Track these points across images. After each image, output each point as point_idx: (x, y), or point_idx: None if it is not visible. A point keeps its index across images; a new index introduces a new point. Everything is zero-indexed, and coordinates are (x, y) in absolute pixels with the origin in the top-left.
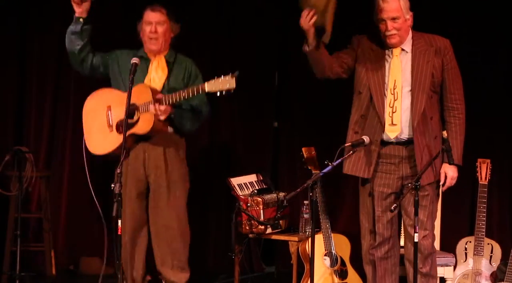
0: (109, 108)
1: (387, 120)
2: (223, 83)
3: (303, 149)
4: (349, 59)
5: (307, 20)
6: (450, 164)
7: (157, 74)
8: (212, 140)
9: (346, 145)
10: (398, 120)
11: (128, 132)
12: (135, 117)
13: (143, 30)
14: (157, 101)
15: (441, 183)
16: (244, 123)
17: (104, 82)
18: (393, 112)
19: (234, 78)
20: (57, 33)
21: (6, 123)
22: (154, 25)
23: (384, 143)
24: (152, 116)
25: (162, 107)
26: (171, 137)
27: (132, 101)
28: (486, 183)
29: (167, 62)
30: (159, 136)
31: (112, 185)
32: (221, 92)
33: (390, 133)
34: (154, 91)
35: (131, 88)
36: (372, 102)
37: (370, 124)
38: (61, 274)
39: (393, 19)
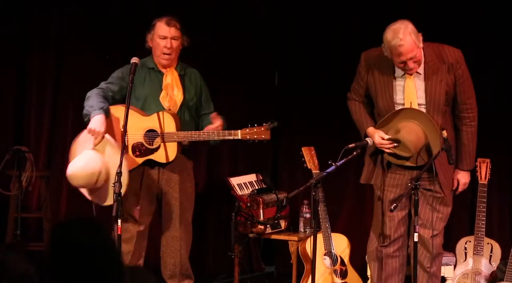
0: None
1: None
2: (258, 134)
3: (303, 149)
4: (364, 87)
5: (386, 146)
6: (450, 163)
7: (174, 91)
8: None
9: (350, 145)
10: None
11: (145, 158)
12: (155, 144)
13: (156, 43)
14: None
15: (453, 188)
16: (244, 123)
17: None
18: None
19: (269, 131)
20: (57, 32)
21: (6, 123)
22: (170, 40)
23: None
24: (176, 147)
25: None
26: (183, 149)
27: (153, 127)
28: (486, 183)
29: (179, 76)
30: None
31: (112, 185)
32: (254, 141)
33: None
34: (177, 124)
35: (131, 88)
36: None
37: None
38: None
39: (411, 58)
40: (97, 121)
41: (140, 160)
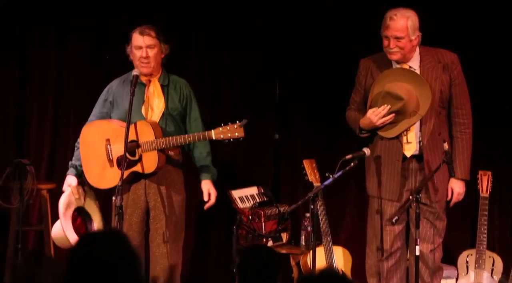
0: (108, 141)
1: (403, 139)
2: (231, 132)
3: (304, 161)
4: (363, 96)
5: (382, 118)
6: (451, 176)
7: (154, 102)
8: (213, 152)
9: (347, 157)
10: (412, 138)
11: (129, 170)
12: (137, 155)
13: (133, 54)
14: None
15: (447, 198)
16: (245, 135)
17: None
18: (407, 131)
19: (242, 128)
20: (57, 44)
21: (7, 135)
22: (145, 49)
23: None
24: (156, 156)
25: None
26: (172, 161)
27: (132, 137)
28: (487, 196)
29: (162, 86)
30: None
31: (114, 198)
32: (228, 139)
33: (407, 152)
34: (156, 131)
35: (132, 100)
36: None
37: (389, 145)
38: None
39: (397, 38)
40: (66, 181)
41: (125, 173)
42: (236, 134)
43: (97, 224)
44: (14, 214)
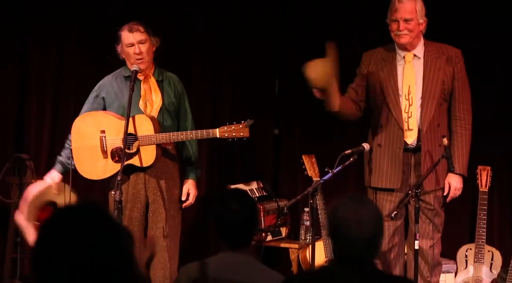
0: (103, 133)
1: (404, 126)
2: (236, 131)
3: (303, 157)
4: (363, 86)
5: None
6: (450, 171)
7: (151, 96)
8: (212, 147)
9: (346, 152)
10: (414, 125)
11: (125, 163)
12: (134, 148)
13: (126, 53)
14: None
15: (444, 194)
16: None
17: None
18: (408, 118)
19: (247, 128)
20: (57, 39)
21: (7, 130)
22: (137, 45)
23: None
24: (155, 150)
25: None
26: (169, 155)
27: (130, 131)
28: (487, 190)
29: (157, 81)
30: None
31: (112, 192)
32: (232, 138)
33: (408, 139)
34: (155, 126)
35: (131, 96)
36: (389, 110)
37: (390, 133)
38: None
39: (406, 20)
40: (50, 174)
41: (120, 165)
42: (241, 134)
43: None
44: (14, 208)
